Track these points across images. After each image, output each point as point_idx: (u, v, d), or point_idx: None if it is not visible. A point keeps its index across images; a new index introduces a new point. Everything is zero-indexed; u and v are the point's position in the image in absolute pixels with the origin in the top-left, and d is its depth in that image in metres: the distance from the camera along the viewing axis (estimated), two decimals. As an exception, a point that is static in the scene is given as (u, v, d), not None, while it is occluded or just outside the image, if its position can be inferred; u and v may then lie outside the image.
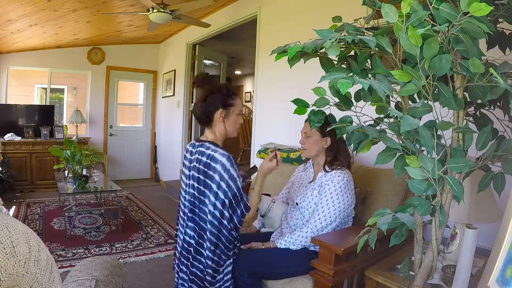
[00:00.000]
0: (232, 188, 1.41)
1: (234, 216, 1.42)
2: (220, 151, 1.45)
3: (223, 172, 1.41)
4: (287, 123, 3.09)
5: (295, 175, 1.93)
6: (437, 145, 0.98)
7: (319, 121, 1.20)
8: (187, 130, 5.22)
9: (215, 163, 1.42)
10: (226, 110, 1.53)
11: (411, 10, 0.90)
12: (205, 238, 1.47)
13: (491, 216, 1.34)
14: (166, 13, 3.20)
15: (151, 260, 2.72)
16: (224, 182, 1.40)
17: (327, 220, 1.57)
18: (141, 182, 6.01)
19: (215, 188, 1.42)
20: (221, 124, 1.54)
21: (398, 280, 1.33)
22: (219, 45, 5.47)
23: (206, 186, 1.45)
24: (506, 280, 0.80)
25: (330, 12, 1.22)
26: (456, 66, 0.97)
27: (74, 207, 3.71)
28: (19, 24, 3.91)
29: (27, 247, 0.58)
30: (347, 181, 1.60)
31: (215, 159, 1.43)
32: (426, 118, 1.02)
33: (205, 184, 1.45)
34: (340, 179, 1.59)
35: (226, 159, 1.42)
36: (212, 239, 1.44)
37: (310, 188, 1.69)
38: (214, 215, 1.43)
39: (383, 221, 1.00)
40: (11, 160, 4.65)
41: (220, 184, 1.41)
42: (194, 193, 1.50)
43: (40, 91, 5.66)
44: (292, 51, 0.99)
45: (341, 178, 1.59)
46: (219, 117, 1.52)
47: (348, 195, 1.60)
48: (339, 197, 1.57)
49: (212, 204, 1.43)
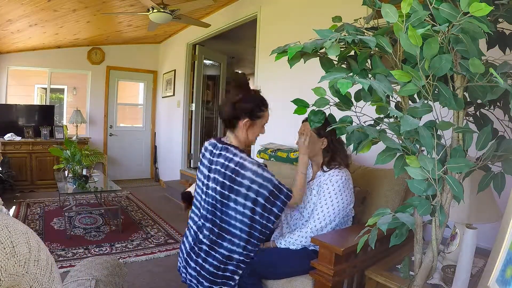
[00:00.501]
0: (267, 187, 1.41)
1: (274, 208, 1.43)
2: (249, 159, 1.44)
3: (254, 177, 1.40)
4: (287, 123, 3.09)
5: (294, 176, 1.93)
6: (437, 145, 0.98)
7: (319, 121, 1.20)
8: (187, 130, 5.22)
9: (245, 170, 1.41)
10: (252, 121, 1.52)
11: (411, 10, 0.90)
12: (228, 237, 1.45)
13: (491, 216, 1.34)
14: (166, 13, 3.20)
15: (151, 260, 2.72)
16: (256, 184, 1.40)
17: (326, 219, 1.57)
18: (141, 182, 6.02)
19: (245, 191, 1.41)
20: (244, 132, 1.52)
21: (398, 280, 1.33)
22: (219, 45, 5.47)
23: (232, 191, 1.43)
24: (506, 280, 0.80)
25: (330, 12, 1.22)
26: (456, 66, 0.97)
27: (74, 207, 3.71)
28: (19, 24, 3.91)
29: (27, 247, 0.58)
30: (345, 179, 1.60)
31: (244, 167, 1.42)
32: (426, 118, 1.02)
33: (230, 189, 1.43)
34: (339, 178, 1.59)
35: (257, 166, 1.42)
36: (243, 236, 1.43)
37: (308, 187, 1.70)
38: (244, 214, 1.42)
39: (383, 221, 1.00)
40: (11, 160, 4.65)
41: (251, 187, 1.40)
42: (216, 196, 1.47)
43: (40, 91, 5.66)
44: (292, 51, 0.99)
45: (339, 177, 1.59)
46: (243, 125, 1.51)
47: (347, 194, 1.60)
48: (337, 196, 1.57)
49: (242, 204, 1.42)
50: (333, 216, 1.57)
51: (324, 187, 1.61)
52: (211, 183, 1.49)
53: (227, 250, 1.45)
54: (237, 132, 1.53)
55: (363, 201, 1.94)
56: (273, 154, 2.89)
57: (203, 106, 5.43)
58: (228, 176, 1.44)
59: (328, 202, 1.57)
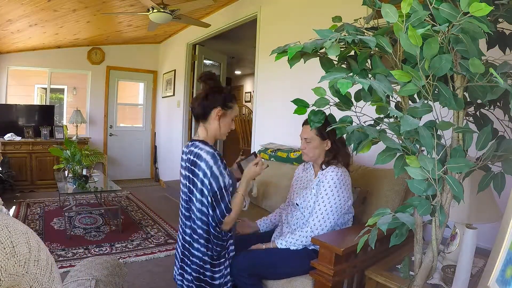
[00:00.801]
0: (213, 187, 1.41)
1: (214, 214, 1.43)
2: (206, 149, 1.46)
3: (207, 169, 1.42)
4: (287, 123, 3.09)
5: (295, 177, 1.93)
6: (437, 145, 0.98)
7: (319, 121, 1.20)
8: (187, 130, 5.22)
9: (200, 160, 1.44)
10: (224, 110, 1.54)
11: (411, 10, 0.90)
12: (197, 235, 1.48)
13: (491, 216, 1.34)
14: (166, 13, 3.20)
15: (151, 260, 2.72)
16: (207, 179, 1.42)
17: (324, 218, 1.57)
18: (141, 182, 6.01)
19: (200, 185, 1.43)
20: (216, 123, 1.54)
21: (398, 280, 1.33)
22: (219, 45, 5.47)
23: (194, 184, 1.46)
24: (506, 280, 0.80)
25: (330, 12, 1.22)
26: (456, 66, 0.97)
27: (74, 207, 3.71)
28: (19, 24, 3.91)
29: (27, 247, 0.58)
30: (341, 175, 1.60)
31: (200, 157, 1.44)
32: (426, 118, 1.02)
33: (193, 182, 1.47)
34: (334, 174, 1.59)
35: (210, 157, 1.43)
36: (203, 235, 1.46)
37: (309, 187, 1.70)
38: (202, 211, 1.45)
39: (383, 221, 1.00)
40: (11, 160, 4.65)
41: (204, 181, 1.42)
42: (187, 192, 1.52)
43: (40, 91, 5.66)
44: (292, 51, 0.99)
45: (335, 173, 1.59)
46: (216, 114, 1.53)
47: (344, 190, 1.60)
48: (334, 193, 1.57)
49: (199, 201, 1.44)
50: (331, 213, 1.57)
51: (320, 185, 1.62)
52: (185, 180, 1.54)
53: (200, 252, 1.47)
54: (208, 125, 1.56)
55: (363, 201, 1.94)
56: (273, 154, 2.89)
57: (203, 106, 5.42)
58: (190, 168, 1.48)
59: (325, 200, 1.58)
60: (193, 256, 1.50)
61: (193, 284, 1.49)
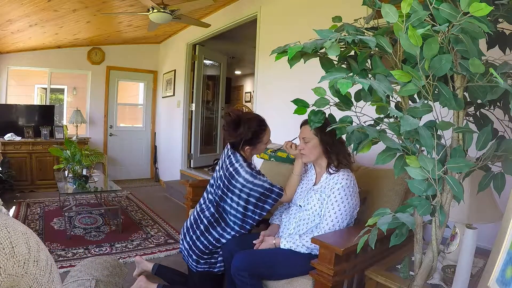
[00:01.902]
0: (258, 191, 1.70)
1: (265, 205, 1.73)
2: (245, 168, 1.72)
3: (246, 183, 1.69)
4: (287, 123, 3.08)
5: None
6: (437, 145, 0.98)
7: (319, 121, 1.20)
8: (187, 130, 5.22)
9: (238, 176, 1.71)
10: (254, 146, 1.81)
11: (411, 10, 0.90)
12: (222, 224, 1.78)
13: (491, 216, 1.34)
14: (166, 13, 3.19)
15: (151, 260, 2.71)
16: (247, 188, 1.70)
17: (335, 225, 1.57)
18: (141, 182, 6.01)
19: (238, 192, 1.73)
20: (249, 154, 1.85)
21: (398, 280, 1.33)
22: (219, 45, 5.47)
23: (229, 189, 1.76)
24: (506, 280, 0.80)
25: (330, 12, 1.21)
26: (456, 66, 0.96)
27: (74, 207, 3.71)
28: (19, 24, 3.91)
29: (27, 248, 0.58)
30: (353, 184, 1.61)
31: (239, 173, 1.72)
32: (426, 118, 1.02)
33: (228, 188, 1.76)
34: (348, 182, 1.59)
35: (249, 176, 1.70)
36: (238, 222, 1.76)
37: (314, 191, 1.69)
38: (238, 210, 1.75)
39: (383, 221, 1.00)
40: (11, 160, 4.64)
41: (242, 190, 1.71)
42: (223, 188, 1.79)
43: (40, 91, 5.66)
44: (292, 51, 0.99)
45: (349, 181, 1.60)
46: (246, 150, 1.82)
47: (353, 197, 1.61)
48: (343, 200, 1.58)
49: (236, 202, 1.74)
50: (341, 220, 1.57)
51: (329, 191, 1.61)
52: (220, 178, 1.82)
53: (218, 234, 1.77)
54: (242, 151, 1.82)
55: (364, 201, 1.94)
56: (273, 154, 2.89)
57: (203, 106, 5.42)
58: (227, 177, 1.76)
59: (335, 207, 1.57)
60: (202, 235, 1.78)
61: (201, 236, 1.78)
